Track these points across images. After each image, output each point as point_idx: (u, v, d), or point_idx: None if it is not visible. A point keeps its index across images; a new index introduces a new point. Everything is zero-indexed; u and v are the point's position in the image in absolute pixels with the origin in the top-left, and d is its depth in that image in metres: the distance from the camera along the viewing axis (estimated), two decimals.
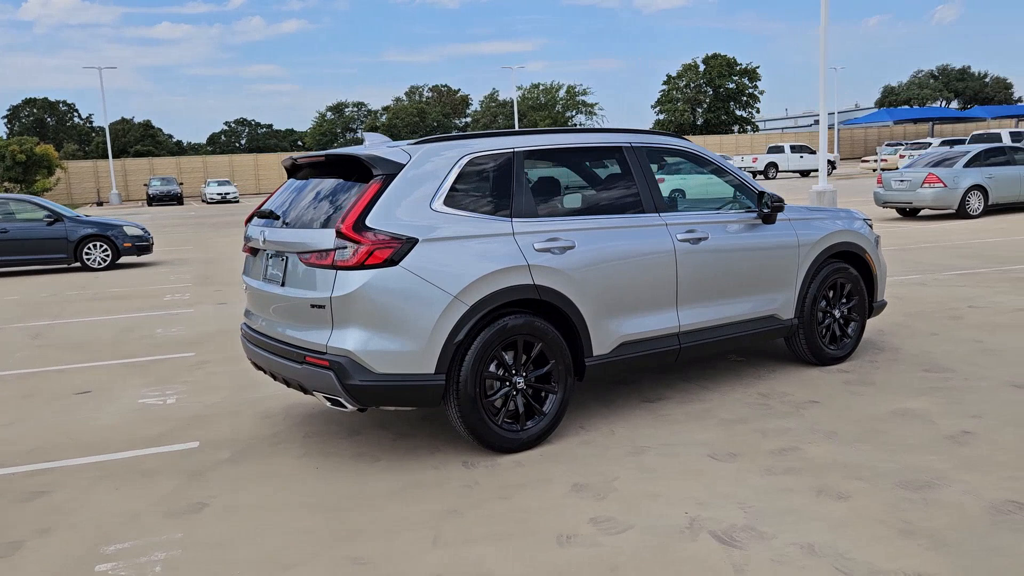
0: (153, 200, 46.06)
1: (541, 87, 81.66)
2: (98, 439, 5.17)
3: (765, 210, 5.56)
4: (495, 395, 4.49)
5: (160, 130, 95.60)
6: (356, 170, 4.51)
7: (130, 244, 15.59)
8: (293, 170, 5.13)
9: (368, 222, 4.21)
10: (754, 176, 35.86)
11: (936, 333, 7.00)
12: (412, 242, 4.24)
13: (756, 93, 78.38)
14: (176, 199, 46.45)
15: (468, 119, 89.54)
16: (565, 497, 3.97)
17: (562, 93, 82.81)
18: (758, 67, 77.39)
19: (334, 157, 4.67)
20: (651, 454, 4.48)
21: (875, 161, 43.30)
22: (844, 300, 6.15)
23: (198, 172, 58.12)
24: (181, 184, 48.96)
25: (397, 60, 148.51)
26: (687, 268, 5.18)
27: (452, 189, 4.48)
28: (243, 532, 3.75)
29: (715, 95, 77.61)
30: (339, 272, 4.21)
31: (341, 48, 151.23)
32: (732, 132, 76.67)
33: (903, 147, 43.71)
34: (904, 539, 3.37)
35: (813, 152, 44.50)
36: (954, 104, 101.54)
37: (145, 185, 49.57)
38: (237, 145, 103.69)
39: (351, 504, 4.02)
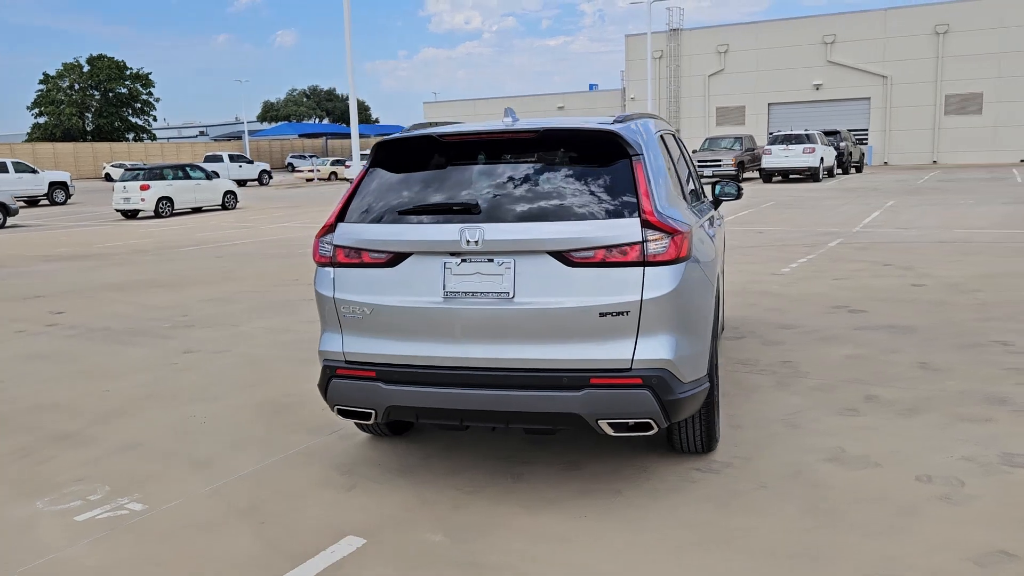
0: None
1: None
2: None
3: (726, 197, 6.14)
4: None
5: None
6: (595, 148, 3.74)
7: None
8: (417, 149, 3.90)
9: (659, 208, 3.60)
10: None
11: None
12: (691, 231, 3.76)
13: (152, 100, 74.56)
14: None
15: None
16: (857, 471, 4.04)
17: None
18: (150, 73, 73.70)
19: (561, 133, 3.77)
20: (811, 423, 4.74)
21: (309, 171, 45.75)
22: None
23: None
24: None
25: None
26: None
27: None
28: None
29: (105, 99, 71.39)
30: (649, 269, 3.50)
31: None
32: (127, 140, 71.52)
33: (316, 159, 48.22)
34: None
35: (251, 162, 44.76)
36: (326, 121, 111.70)
37: None
38: None
39: (701, 536, 3.44)
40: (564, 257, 3.53)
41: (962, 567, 3.12)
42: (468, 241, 3.58)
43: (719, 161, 30.10)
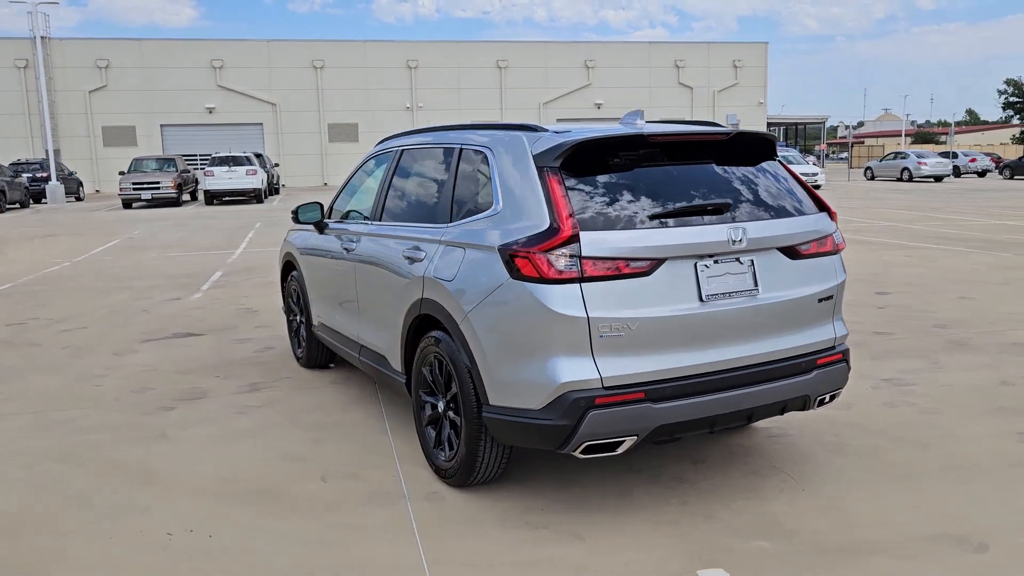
0: None
1: None
2: None
3: None
4: None
5: None
6: (761, 149, 4.00)
7: None
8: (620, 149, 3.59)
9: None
10: None
11: None
12: None
13: None
14: None
15: None
16: (846, 411, 5.07)
17: None
18: None
19: (748, 135, 3.87)
20: None
21: None
22: None
23: None
24: None
25: None
26: None
27: None
28: None
29: None
30: (836, 257, 4.00)
31: None
32: None
33: None
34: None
35: None
36: None
37: None
38: None
39: (899, 484, 4.10)
40: (792, 251, 3.78)
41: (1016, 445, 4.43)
42: (733, 241, 3.55)
43: (158, 183, 28.16)
